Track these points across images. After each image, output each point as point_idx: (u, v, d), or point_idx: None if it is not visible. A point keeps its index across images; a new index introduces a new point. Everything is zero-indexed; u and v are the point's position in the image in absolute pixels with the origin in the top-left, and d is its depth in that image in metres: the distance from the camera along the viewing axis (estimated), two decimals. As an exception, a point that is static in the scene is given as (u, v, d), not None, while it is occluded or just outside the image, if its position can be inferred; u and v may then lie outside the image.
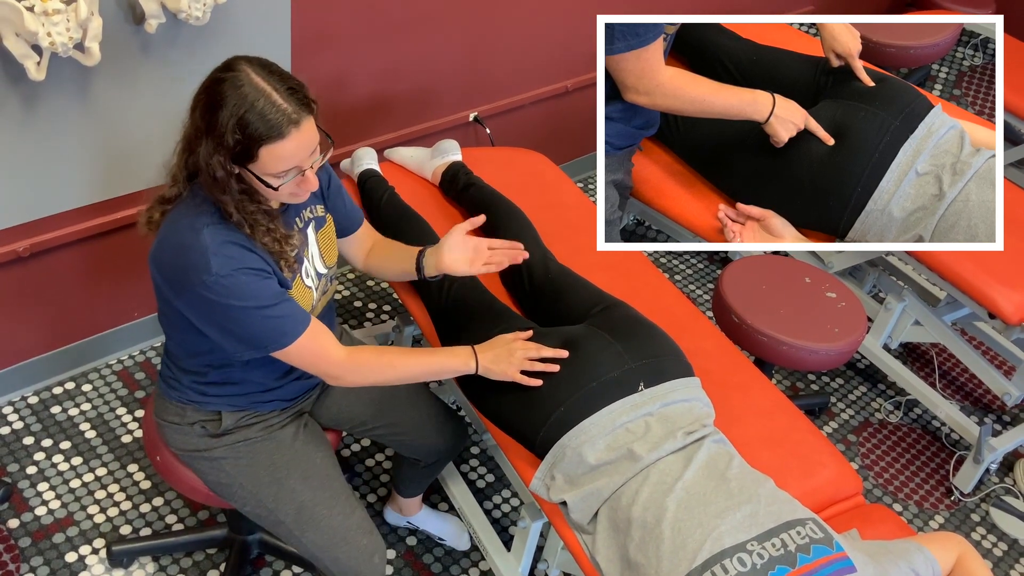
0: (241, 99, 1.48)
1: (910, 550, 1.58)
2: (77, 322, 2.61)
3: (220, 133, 1.49)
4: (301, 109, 1.52)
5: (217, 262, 1.54)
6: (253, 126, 1.48)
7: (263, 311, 1.59)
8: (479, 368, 1.80)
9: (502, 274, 2.24)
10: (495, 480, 2.64)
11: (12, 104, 2.08)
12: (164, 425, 1.86)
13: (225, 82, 1.49)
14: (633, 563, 1.55)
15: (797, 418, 2.08)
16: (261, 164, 1.52)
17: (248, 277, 1.57)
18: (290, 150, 1.52)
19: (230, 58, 1.55)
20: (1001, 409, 3.16)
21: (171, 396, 1.82)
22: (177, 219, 1.60)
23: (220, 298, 1.55)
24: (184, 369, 1.79)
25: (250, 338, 1.61)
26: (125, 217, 2.46)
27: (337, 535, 1.82)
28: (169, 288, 1.61)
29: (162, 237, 1.62)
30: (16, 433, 2.51)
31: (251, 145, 1.49)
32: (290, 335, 1.63)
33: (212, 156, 1.51)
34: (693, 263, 3.57)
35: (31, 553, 2.25)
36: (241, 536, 2.25)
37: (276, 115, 1.48)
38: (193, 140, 1.55)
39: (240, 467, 1.82)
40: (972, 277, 2.58)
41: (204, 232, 1.55)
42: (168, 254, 1.59)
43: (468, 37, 2.99)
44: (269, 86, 1.50)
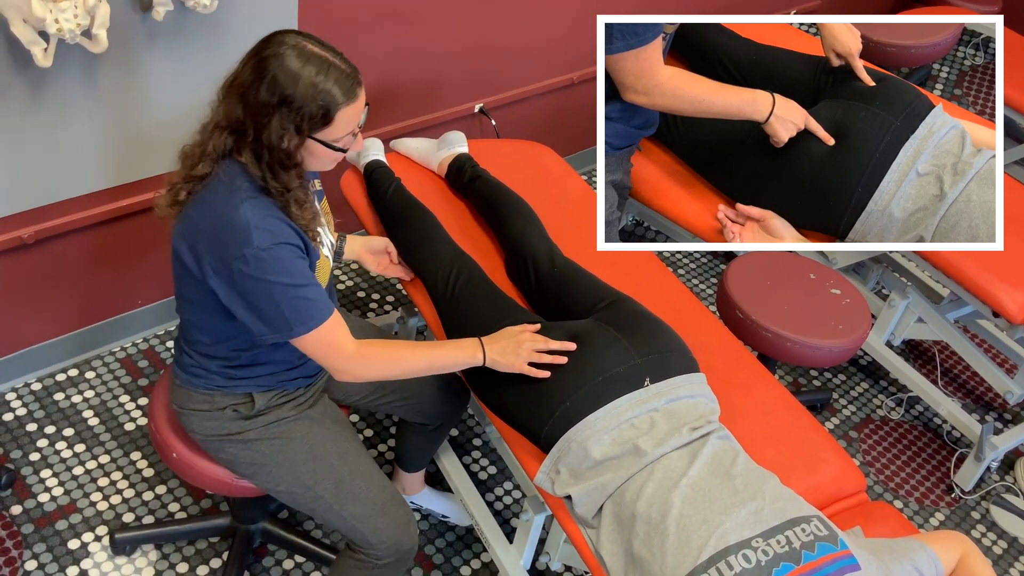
0: (316, 67, 1.53)
1: (913, 548, 1.59)
2: (81, 309, 2.62)
3: (300, 104, 1.53)
4: (355, 71, 1.60)
5: (259, 236, 1.56)
6: (333, 90, 1.54)
7: (296, 290, 1.60)
8: (486, 360, 1.80)
9: (508, 268, 2.24)
10: (497, 472, 2.64)
11: (19, 91, 2.08)
12: (189, 414, 1.85)
13: (286, 56, 1.53)
14: (637, 558, 1.56)
15: (801, 415, 2.08)
16: (333, 128, 1.58)
17: (286, 252, 1.59)
18: (358, 110, 1.61)
19: (269, 35, 1.59)
20: (1002, 407, 3.16)
21: (196, 385, 1.82)
22: (210, 197, 1.60)
23: (257, 272, 1.56)
24: (210, 355, 1.79)
25: (277, 318, 1.61)
26: (131, 204, 2.46)
27: (375, 506, 1.86)
28: (202, 266, 1.61)
29: (195, 215, 1.62)
30: (19, 420, 2.51)
31: (331, 109, 1.55)
32: (316, 319, 1.64)
33: (287, 127, 1.54)
34: (697, 258, 3.56)
35: (34, 539, 2.26)
36: (244, 525, 2.26)
37: (347, 78, 1.56)
38: (256, 115, 1.55)
39: (276, 447, 1.83)
40: (976, 275, 2.59)
41: (244, 207, 1.57)
42: (205, 230, 1.59)
43: (474, 29, 2.98)
44: (327, 54, 1.56)
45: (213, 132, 1.61)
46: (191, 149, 1.66)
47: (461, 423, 2.76)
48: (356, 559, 1.90)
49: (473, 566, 2.40)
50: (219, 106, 1.61)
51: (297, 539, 2.29)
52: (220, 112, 1.60)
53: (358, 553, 1.90)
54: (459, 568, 2.39)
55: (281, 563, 2.32)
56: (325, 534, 2.40)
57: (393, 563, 1.90)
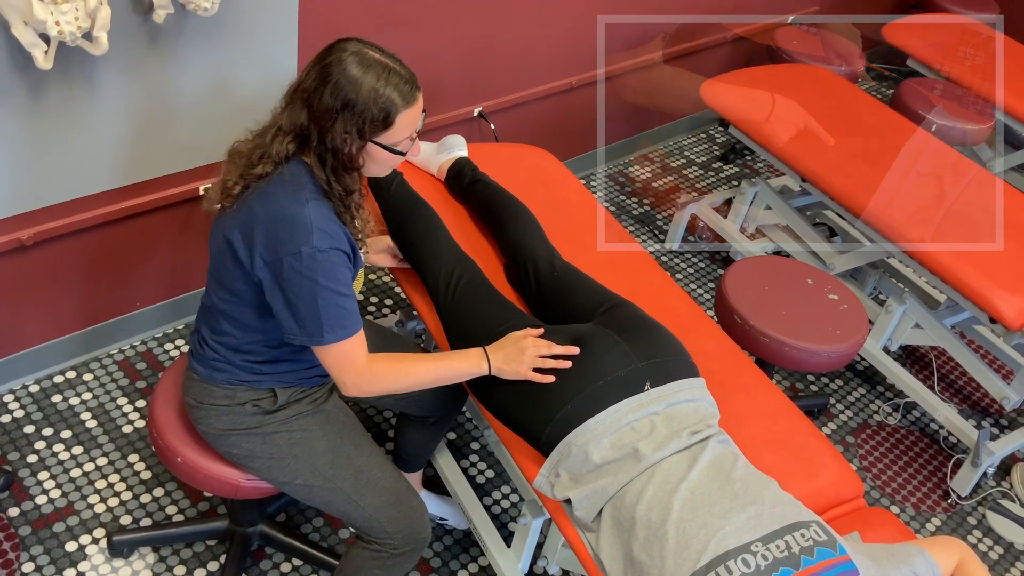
0: (376, 73, 1.60)
1: (911, 554, 1.59)
2: (79, 311, 2.61)
3: (362, 108, 1.59)
4: (414, 76, 1.66)
5: (319, 237, 1.61)
6: (394, 95, 1.61)
7: (338, 297, 1.65)
8: (491, 369, 1.82)
9: (508, 272, 2.24)
10: (495, 476, 2.64)
11: (19, 93, 2.07)
12: (207, 408, 1.85)
13: (349, 61, 1.60)
14: (637, 562, 1.56)
15: (799, 420, 2.08)
16: (394, 132, 1.64)
17: (338, 258, 1.65)
18: (416, 114, 1.67)
19: (332, 43, 1.65)
20: (999, 413, 3.17)
21: (218, 380, 1.83)
22: (274, 191, 1.64)
23: (308, 272, 1.61)
24: (237, 349, 1.81)
25: (312, 321, 1.65)
26: (130, 207, 2.46)
27: (392, 496, 1.89)
28: (254, 255, 1.64)
29: (256, 206, 1.65)
30: (17, 421, 2.51)
31: (392, 113, 1.61)
32: (347, 331, 1.68)
33: (350, 131, 1.61)
34: (694, 262, 3.57)
35: (31, 542, 2.25)
36: (242, 528, 2.25)
37: (405, 83, 1.63)
38: (320, 120, 1.61)
39: (295, 440, 1.85)
40: (974, 281, 2.59)
41: (309, 206, 1.63)
42: (264, 222, 1.63)
43: (474, 32, 2.98)
44: (388, 59, 1.63)
45: (276, 136, 1.66)
46: (247, 149, 1.70)
47: (459, 426, 2.76)
48: (371, 550, 1.92)
49: (471, 570, 2.40)
50: (283, 111, 1.67)
51: (295, 542, 2.29)
52: (284, 117, 1.66)
53: (373, 544, 1.92)
54: (457, 572, 2.39)
55: (279, 566, 2.32)
56: (323, 538, 2.40)
57: (409, 552, 1.93)
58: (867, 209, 2.80)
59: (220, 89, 2.42)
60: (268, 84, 2.51)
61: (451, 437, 2.72)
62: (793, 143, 3.03)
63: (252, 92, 2.49)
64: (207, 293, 1.81)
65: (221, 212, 1.71)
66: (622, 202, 3.80)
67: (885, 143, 3.09)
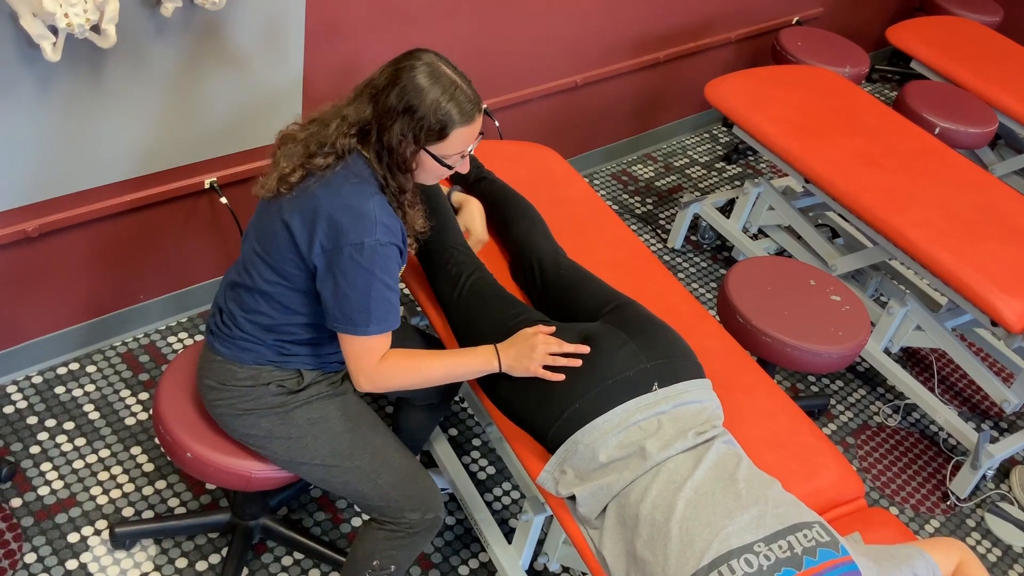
0: (442, 87, 1.67)
1: (912, 555, 1.60)
2: (83, 303, 2.62)
3: (421, 115, 1.67)
4: (479, 98, 1.73)
5: (382, 230, 1.68)
6: (453, 111, 1.68)
7: (387, 291, 1.71)
8: (502, 367, 1.83)
9: (513, 270, 2.25)
10: (496, 472, 2.65)
11: (27, 84, 2.08)
12: (228, 388, 1.87)
13: (420, 69, 1.67)
14: (640, 560, 1.57)
15: (800, 420, 2.09)
16: (446, 144, 1.71)
17: (395, 252, 1.72)
18: (472, 133, 1.73)
19: (411, 51, 1.72)
20: (998, 416, 3.18)
21: (243, 359, 1.86)
22: (340, 183, 1.69)
23: (367, 263, 1.67)
24: (269, 328, 1.83)
25: (360, 309, 1.70)
26: (135, 199, 2.46)
27: (408, 474, 1.92)
28: (313, 241, 1.68)
29: (321, 195, 1.69)
30: (20, 412, 2.52)
31: (447, 126, 1.68)
32: (389, 323, 1.75)
33: (406, 134, 1.68)
34: (696, 261, 3.58)
35: (33, 532, 2.26)
36: (244, 521, 2.26)
37: (468, 102, 1.69)
38: (382, 118, 1.69)
39: (314, 420, 1.88)
40: (975, 284, 2.60)
41: (374, 200, 1.69)
42: (329, 211, 1.67)
43: (479, 29, 2.99)
44: (457, 76, 1.70)
45: (339, 128, 1.71)
46: (302, 137, 1.74)
47: (460, 423, 2.77)
48: (387, 530, 1.94)
49: (471, 566, 2.41)
50: (351, 103, 1.73)
51: (296, 536, 2.30)
52: (351, 109, 1.72)
53: (388, 524, 1.94)
54: (457, 567, 2.40)
55: (280, 559, 2.32)
56: (324, 532, 2.41)
57: (424, 532, 1.95)
58: (869, 211, 2.81)
59: (227, 83, 2.42)
60: (275, 78, 2.51)
61: (453, 433, 2.73)
62: (796, 144, 3.04)
63: (259, 87, 2.49)
64: (246, 271, 1.83)
65: (276, 196, 1.74)
66: (625, 201, 3.81)
67: (888, 145, 3.10)
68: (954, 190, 2.94)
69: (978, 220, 2.82)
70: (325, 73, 2.65)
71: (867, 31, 4.86)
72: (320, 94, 2.67)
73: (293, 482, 2.03)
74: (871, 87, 5.07)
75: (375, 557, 1.95)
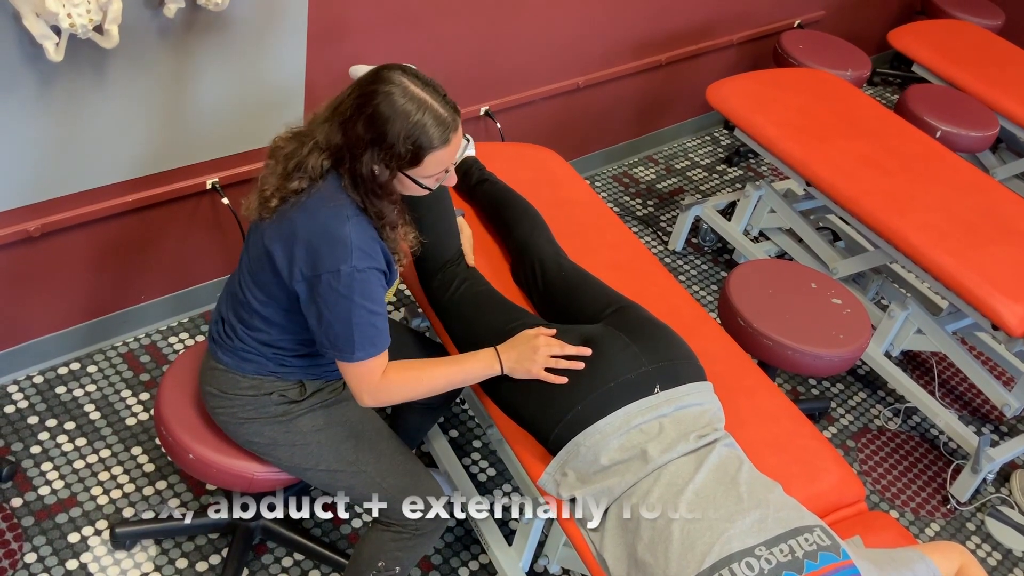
0: (409, 111, 1.59)
1: (913, 559, 1.60)
2: (84, 303, 2.62)
3: (390, 144, 1.59)
4: (455, 115, 1.65)
5: (358, 256, 1.63)
6: (424, 136, 1.60)
7: (370, 316, 1.67)
8: (504, 369, 1.83)
9: (514, 272, 2.25)
10: (496, 474, 2.65)
11: (29, 84, 2.08)
12: (230, 397, 1.87)
13: (386, 95, 1.59)
14: (641, 562, 1.57)
15: (801, 423, 2.09)
16: (422, 168, 1.64)
17: (375, 277, 1.68)
18: (449, 154, 1.66)
19: (377, 68, 1.65)
20: (999, 420, 3.18)
21: (245, 369, 1.85)
22: (316, 207, 1.65)
23: (345, 290, 1.63)
24: (268, 344, 1.83)
25: (343, 337, 1.67)
26: (137, 200, 2.46)
27: (412, 477, 1.92)
28: (295, 270, 1.66)
29: (298, 221, 1.65)
30: (21, 412, 2.51)
31: (420, 153, 1.61)
32: (376, 348, 1.71)
33: (377, 163, 1.62)
34: (697, 264, 3.58)
35: (34, 532, 2.26)
36: (244, 522, 2.26)
37: (441, 124, 1.61)
38: (352, 147, 1.62)
39: (318, 426, 1.88)
40: (977, 288, 2.60)
41: (349, 224, 1.64)
42: (305, 238, 1.64)
43: (482, 31, 2.99)
44: (428, 96, 1.61)
45: (313, 151, 1.65)
46: (286, 152, 1.68)
47: (461, 424, 2.77)
48: (393, 531, 1.94)
49: (471, 567, 2.41)
50: (322, 124, 1.66)
51: (297, 537, 2.30)
52: (322, 133, 1.66)
53: (394, 526, 1.93)
54: (457, 569, 2.40)
55: (280, 560, 2.32)
56: (324, 533, 2.40)
57: (429, 532, 1.95)
58: (871, 214, 2.81)
59: (229, 84, 2.42)
60: (278, 79, 2.51)
61: (453, 435, 2.73)
62: (798, 147, 3.04)
63: (261, 87, 2.49)
64: (241, 287, 1.82)
65: (259, 219, 1.72)
66: (626, 203, 3.81)
67: (889, 148, 3.10)
68: (955, 194, 2.94)
69: (979, 224, 2.82)
70: (327, 74, 2.65)
71: (869, 34, 4.86)
72: (323, 95, 2.65)
73: (293, 483, 2.03)
74: (872, 90, 5.08)
75: (380, 559, 1.95)
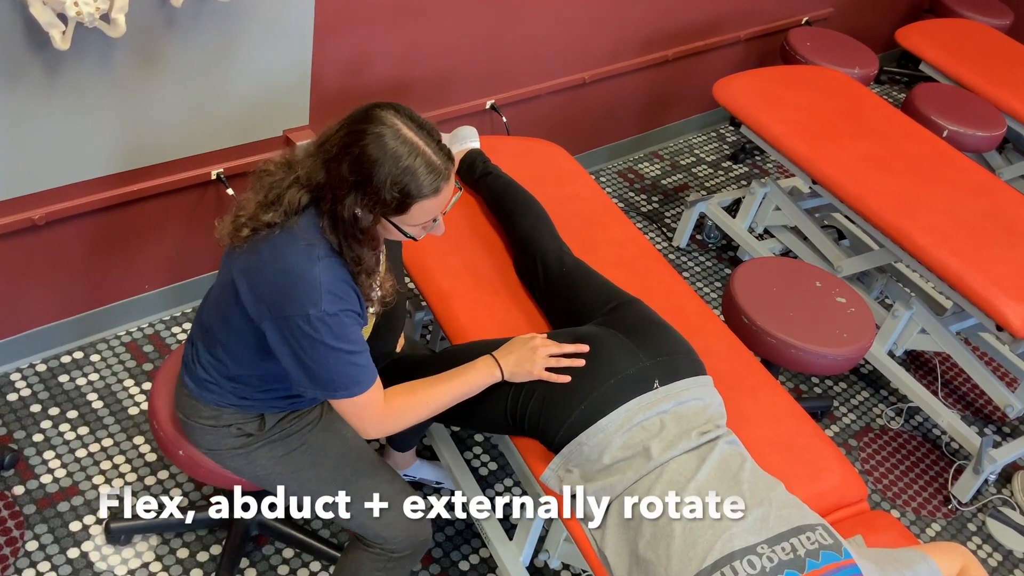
0: (399, 155, 1.48)
1: (915, 560, 1.60)
2: (88, 292, 2.62)
3: (376, 189, 1.49)
4: (449, 163, 1.54)
5: (328, 300, 1.54)
6: (413, 184, 1.50)
7: (349, 356, 1.59)
8: (504, 375, 1.80)
9: (517, 266, 2.25)
10: (498, 468, 2.65)
11: (35, 72, 2.08)
12: (193, 424, 1.83)
13: (376, 136, 1.48)
14: (642, 559, 1.57)
15: (804, 422, 2.09)
16: (408, 217, 1.55)
17: (349, 319, 1.58)
18: (439, 204, 1.56)
19: (370, 105, 1.54)
20: (1002, 421, 3.17)
21: (207, 399, 1.80)
22: (286, 246, 1.56)
23: (316, 334, 1.55)
24: (229, 377, 1.76)
25: (324, 379, 1.61)
26: (142, 189, 2.46)
27: (387, 503, 1.85)
28: (261, 308, 1.58)
29: (268, 258, 1.57)
30: (23, 400, 2.52)
31: (407, 201, 1.51)
32: (361, 385, 1.63)
33: (360, 207, 1.52)
34: (701, 260, 3.57)
35: (35, 520, 2.26)
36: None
37: (433, 172, 1.51)
38: (335, 187, 1.52)
39: (277, 458, 1.82)
40: (982, 288, 2.59)
41: (319, 266, 1.54)
42: (273, 277, 1.56)
43: (488, 25, 2.98)
44: (421, 140, 1.51)
45: (292, 185, 1.56)
46: (273, 178, 1.59)
47: (463, 418, 2.77)
48: (371, 552, 1.89)
49: (472, 561, 2.41)
50: (306, 159, 1.57)
51: (292, 531, 2.28)
52: (304, 168, 1.56)
53: (373, 547, 1.89)
54: (458, 563, 2.40)
55: (281, 551, 2.33)
56: (324, 525, 2.41)
57: (409, 555, 1.91)
58: (876, 213, 2.80)
59: (235, 74, 2.42)
60: (284, 70, 2.51)
61: (455, 428, 2.73)
62: (804, 145, 3.03)
63: (267, 78, 2.49)
64: (208, 314, 1.76)
65: (231, 248, 1.63)
66: (631, 199, 3.80)
67: (896, 147, 3.09)
68: (962, 194, 2.93)
69: (985, 224, 2.81)
70: (334, 65, 2.65)
71: (876, 32, 4.85)
72: (329, 86, 2.67)
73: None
74: (879, 89, 5.06)
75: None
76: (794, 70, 3.48)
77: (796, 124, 3.11)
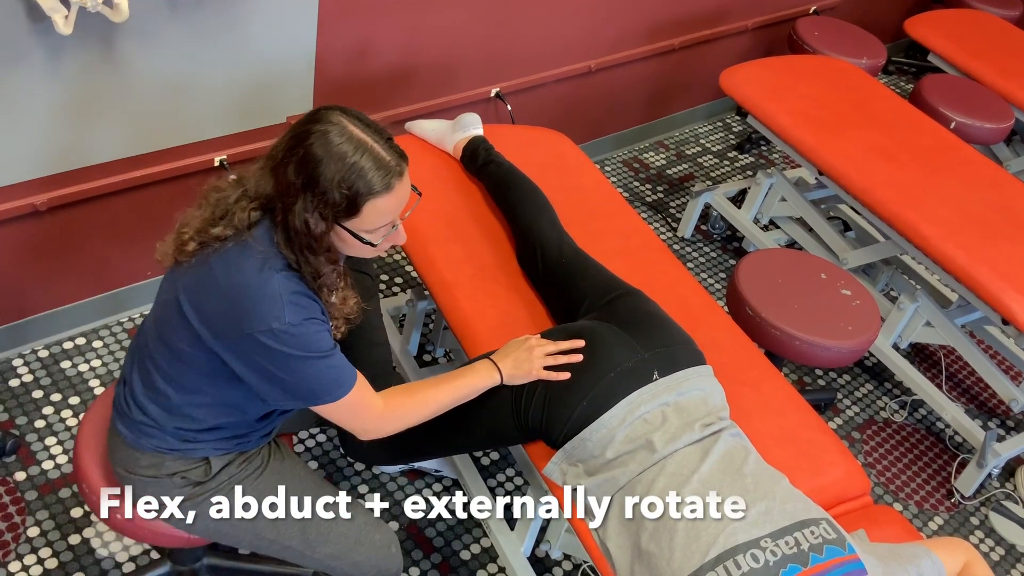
0: (344, 153, 1.43)
1: (918, 554, 1.59)
2: (91, 279, 2.61)
3: (323, 189, 1.43)
4: (401, 160, 1.49)
5: (290, 311, 1.46)
6: (361, 181, 1.43)
7: (323, 361, 1.53)
8: (504, 376, 1.79)
9: (518, 254, 2.24)
10: (500, 458, 2.65)
11: (38, 57, 2.06)
12: (133, 478, 1.68)
13: (320, 134, 1.43)
14: (645, 552, 1.56)
15: (808, 415, 2.08)
16: (361, 220, 1.48)
17: (315, 326, 1.51)
18: (393, 203, 1.49)
19: (316, 109, 1.49)
20: (1006, 415, 3.17)
21: (144, 446, 1.65)
22: (239, 260, 1.48)
23: (283, 347, 1.47)
24: (171, 412, 1.62)
25: (304, 390, 1.54)
26: (144, 175, 2.45)
27: (349, 540, 1.77)
28: (212, 328, 1.50)
29: (219, 273, 1.48)
30: (25, 386, 2.51)
31: (357, 200, 1.45)
32: (344, 386, 1.57)
33: (311, 212, 1.45)
34: (706, 251, 3.56)
35: (37, 507, 2.26)
36: (187, 566, 2.05)
37: (382, 168, 1.45)
38: (283, 195, 1.46)
39: (228, 508, 1.71)
40: (988, 282, 2.58)
41: (277, 278, 1.47)
42: (226, 293, 1.47)
43: (493, 13, 2.96)
44: (369, 138, 1.45)
45: (240, 199, 1.50)
46: (215, 200, 1.52)
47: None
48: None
49: (473, 551, 2.41)
50: (255, 172, 1.51)
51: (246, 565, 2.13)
52: (252, 182, 1.50)
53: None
54: (459, 552, 2.40)
55: None
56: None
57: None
58: (883, 205, 2.79)
59: (238, 60, 2.40)
60: (288, 56, 2.49)
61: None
62: (810, 135, 3.01)
63: (271, 64, 2.47)
64: (145, 340, 1.63)
65: (175, 264, 1.54)
66: (636, 188, 3.79)
67: (903, 138, 3.07)
68: (969, 186, 2.92)
69: (992, 217, 2.80)
70: (338, 52, 2.63)
71: (884, 22, 4.82)
72: (332, 73, 2.65)
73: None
74: (887, 79, 5.03)
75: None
76: (801, 60, 3.46)
77: (803, 114, 3.09)
